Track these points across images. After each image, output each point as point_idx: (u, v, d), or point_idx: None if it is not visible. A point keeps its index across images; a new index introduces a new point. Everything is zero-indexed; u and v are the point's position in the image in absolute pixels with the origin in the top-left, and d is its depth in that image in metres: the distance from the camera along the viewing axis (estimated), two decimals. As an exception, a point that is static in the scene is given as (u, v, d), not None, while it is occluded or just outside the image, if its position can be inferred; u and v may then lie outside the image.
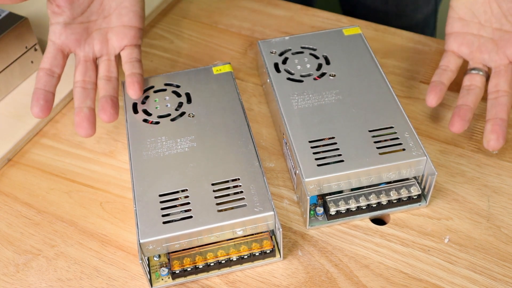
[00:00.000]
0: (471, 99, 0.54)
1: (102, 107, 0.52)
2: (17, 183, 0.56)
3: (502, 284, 0.47)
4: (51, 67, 0.53)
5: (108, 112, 0.52)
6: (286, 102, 0.54)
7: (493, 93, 0.54)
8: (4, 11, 0.62)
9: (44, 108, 0.51)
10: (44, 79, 0.52)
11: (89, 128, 0.51)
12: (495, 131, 0.51)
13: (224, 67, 0.58)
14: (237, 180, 0.48)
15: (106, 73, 0.54)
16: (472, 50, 0.56)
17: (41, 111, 0.51)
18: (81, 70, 0.54)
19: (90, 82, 0.54)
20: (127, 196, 0.54)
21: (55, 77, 0.53)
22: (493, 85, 0.54)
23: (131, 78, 0.54)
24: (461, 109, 0.53)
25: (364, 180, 0.49)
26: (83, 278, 0.49)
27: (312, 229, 0.51)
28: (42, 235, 0.52)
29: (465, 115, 0.53)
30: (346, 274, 0.48)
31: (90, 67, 0.54)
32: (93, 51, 0.55)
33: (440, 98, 0.54)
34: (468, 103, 0.54)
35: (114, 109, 0.52)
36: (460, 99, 0.54)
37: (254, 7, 0.74)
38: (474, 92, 0.54)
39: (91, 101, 0.53)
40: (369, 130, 0.51)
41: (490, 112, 0.53)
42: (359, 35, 0.61)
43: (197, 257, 0.47)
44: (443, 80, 0.55)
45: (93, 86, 0.54)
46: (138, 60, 0.55)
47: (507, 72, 0.54)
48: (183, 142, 0.52)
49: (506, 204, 0.52)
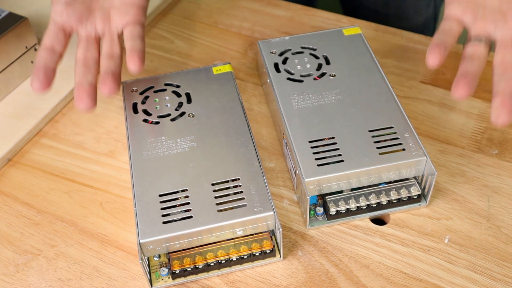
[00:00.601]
0: (475, 66, 0.50)
1: (103, 80, 0.50)
2: (17, 183, 0.56)
3: (502, 284, 0.47)
4: (53, 45, 0.52)
5: (109, 84, 0.50)
6: (286, 102, 0.54)
7: (500, 66, 0.49)
8: (4, 11, 0.62)
9: (44, 83, 0.50)
10: (45, 56, 0.51)
11: (89, 101, 0.49)
12: (505, 105, 0.47)
13: (224, 67, 0.58)
14: (237, 180, 0.48)
15: (109, 50, 0.53)
16: (477, 18, 0.52)
17: (41, 85, 0.49)
18: (83, 47, 0.53)
19: (92, 59, 0.52)
20: (127, 196, 0.54)
21: (56, 55, 0.51)
22: (499, 58, 0.50)
23: (131, 52, 0.51)
24: (466, 75, 0.49)
25: (364, 180, 0.49)
26: (83, 278, 0.49)
27: (312, 229, 0.51)
28: (42, 235, 0.52)
29: (471, 81, 0.48)
30: (346, 274, 0.48)
31: (92, 45, 0.53)
32: (95, 30, 0.54)
33: (442, 58, 0.50)
34: (473, 71, 0.49)
35: (115, 82, 0.50)
36: (464, 66, 0.50)
37: (254, 7, 0.74)
38: (479, 61, 0.50)
39: (92, 76, 0.51)
40: (369, 130, 0.51)
41: (497, 86, 0.48)
42: (359, 35, 0.61)
43: (197, 257, 0.47)
44: (446, 40, 0.51)
45: (95, 63, 0.52)
46: (140, 36, 0.53)
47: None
48: (183, 142, 0.52)
49: (506, 204, 0.52)
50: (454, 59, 0.61)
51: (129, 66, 0.51)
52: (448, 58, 0.51)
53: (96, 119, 0.61)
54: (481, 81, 0.62)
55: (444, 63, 0.50)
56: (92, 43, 0.53)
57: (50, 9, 0.71)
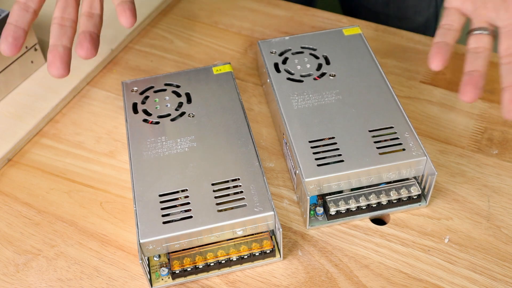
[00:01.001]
0: (481, 63, 0.49)
1: (79, 42, 0.48)
2: (17, 183, 0.56)
3: (502, 284, 0.47)
4: (26, 1, 0.49)
5: (85, 47, 0.48)
6: (286, 102, 0.54)
7: (507, 57, 0.48)
8: (4, 11, 0.62)
9: (12, 46, 0.48)
10: (17, 13, 0.49)
11: (61, 68, 0.48)
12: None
13: (224, 67, 0.58)
14: (237, 180, 0.48)
15: (88, 9, 0.51)
16: (478, 6, 0.51)
17: (9, 48, 0.48)
18: (61, 6, 0.50)
19: (69, 20, 0.50)
20: (127, 196, 0.54)
21: (29, 12, 0.49)
22: (504, 48, 0.49)
23: (122, 6, 0.49)
24: (473, 76, 0.48)
25: (364, 180, 0.49)
26: (83, 278, 0.49)
27: (312, 229, 0.51)
28: (42, 235, 0.52)
29: (478, 82, 0.47)
30: (346, 274, 0.48)
31: (70, 3, 0.50)
32: None
33: (445, 61, 0.49)
34: (478, 68, 0.48)
35: (92, 44, 0.48)
36: (469, 64, 0.49)
37: (254, 7, 0.74)
38: (483, 55, 0.49)
39: (67, 39, 0.49)
40: (369, 130, 0.51)
41: (506, 79, 0.47)
42: (359, 35, 0.61)
43: (197, 257, 0.47)
44: (448, 41, 0.50)
45: (72, 24, 0.50)
46: None
47: None
48: (183, 142, 0.52)
49: (506, 204, 0.52)
50: (454, 58, 0.61)
51: (122, 21, 0.49)
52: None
53: (96, 119, 0.61)
54: (481, 81, 0.62)
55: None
56: (71, 1, 0.51)
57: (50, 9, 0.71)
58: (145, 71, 0.66)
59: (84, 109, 0.62)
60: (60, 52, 0.48)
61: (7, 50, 0.48)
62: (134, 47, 0.69)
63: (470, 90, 0.47)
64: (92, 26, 0.50)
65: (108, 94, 0.64)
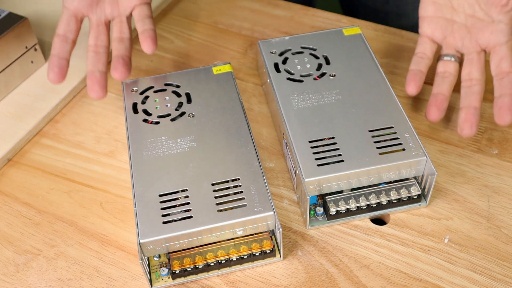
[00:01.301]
0: (446, 88, 0.55)
1: (114, 66, 0.54)
2: (17, 183, 0.56)
3: (502, 284, 0.47)
4: (65, 33, 0.55)
5: (120, 70, 0.54)
6: (286, 102, 0.54)
7: (467, 81, 0.55)
8: (4, 11, 0.62)
9: (58, 75, 0.54)
10: (59, 45, 0.55)
11: (100, 91, 0.54)
12: (468, 119, 0.53)
13: (224, 67, 0.58)
14: (237, 180, 0.48)
15: (119, 34, 0.56)
16: (446, 35, 0.57)
17: (55, 77, 0.54)
18: (94, 34, 0.56)
19: (102, 46, 0.56)
20: (127, 196, 0.54)
21: (69, 43, 0.55)
22: (466, 73, 0.55)
23: (144, 34, 0.55)
24: (437, 99, 0.55)
25: (364, 180, 0.49)
26: (83, 278, 0.49)
27: (312, 229, 0.51)
28: (42, 235, 0.52)
29: (441, 105, 0.54)
30: (346, 274, 0.48)
31: (102, 31, 0.57)
32: (105, 14, 0.57)
33: (419, 86, 0.56)
34: (443, 92, 0.55)
35: (125, 67, 0.54)
36: (436, 87, 0.56)
37: (254, 7, 0.74)
38: (449, 80, 0.56)
39: (102, 65, 0.55)
40: (369, 130, 0.51)
41: (464, 101, 0.54)
42: (359, 35, 0.61)
43: (197, 257, 0.47)
44: (421, 68, 0.56)
45: (105, 50, 0.56)
46: (148, 16, 0.57)
47: (479, 60, 0.55)
48: (183, 142, 0.52)
49: (506, 204, 0.52)
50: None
51: (144, 48, 0.55)
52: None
53: (96, 119, 0.61)
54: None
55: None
56: (103, 29, 0.57)
57: (50, 9, 0.71)
58: (145, 71, 0.66)
59: (84, 109, 0.62)
60: (97, 77, 0.54)
61: (54, 79, 0.54)
62: (134, 47, 0.69)
63: (434, 111, 0.54)
64: (124, 50, 0.56)
65: (108, 94, 0.64)
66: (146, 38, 0.55)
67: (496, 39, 0.54)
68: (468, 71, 0.55)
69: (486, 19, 0.55)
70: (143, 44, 0.55)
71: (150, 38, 0.55)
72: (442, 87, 0.55)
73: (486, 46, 0.55)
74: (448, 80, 0.56)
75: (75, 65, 0.65)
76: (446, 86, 0.55)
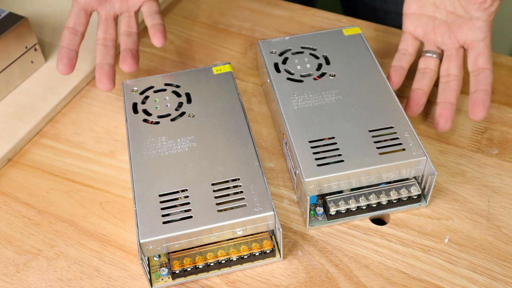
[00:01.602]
0: (425, 83, 0.57)
1: (123, 59, 0.56)
2: (17, 183, 0.56)
3: (502, 284, 0.47)
4: (75, 26, 0.57)
5: (128, 62, 0.56)
6: (286, 102, 0.54)
7: (445, 77, 0.56)
8: (4, 11, 0.62)
9: (67, 66, 0.56)
10: (68, 37, 0.56)
11: (108, 83, 0.56)
12: (443, 114, 0.54)
13: (224, 67, 0.58)
14: (237, 180, 0.48)
15: (127, 28, 0.58)
16: (427, 32, 0.58)
17: (65, 68, 0.56)
18: (102, 28, 0.58)
19: (111, 40, 0.58)
20: (127, 196, 0.54)
21: (78, 36, 0.57)
22: (444, 69, 0.56)
23: (153, 28, 0.57)
24: (416, 94, 0.56)
25: (364, 180, 0.49)
26: (83, 278, 0.49)
27: (312, 229, 0.51)
28: (42, 235, 0.52)
29: (420, 100, 0.56)
30: (346, 274, 0.48)
31: (110, 25, 0.58)
32: (114, 9, 0.58)
33: (400, 81, 0.57)
34: (422, 87, 0.56)
35: (134, 60, 0.56)
36: (416, 83, 0.57)
37: (254, 7, 0.74)
38: (429, 75, 0.57)
39: (111, 58, 0.57)
40: (369, 130, 0.51)
41: (441, 96, 0.55)
42: (359, 35, 0.61)
43: (197, 257, 0.47)
44: (403, 65, 0.58)
45: (113, 43, 0.58)
46: (157, 12, 0.59)
47: (458, 56, 0.56)
48: (183, 142, 0.52)
49: (506, 204, 0.52)
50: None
51: (154, 42, 0.57)
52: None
53: (96, 119, 0.61)
54: (481, 81, 0.62)
55: None
56: (111, 23, 0.58)
57: (50, 9, 0.71)
58: (145, 71, 0.66)
59: (84, 109, 0.62)
60: (106, 69, 0.56)
61: (64, 70, 0.56)
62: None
63: (412, 106, 0.56)
64: (132, 43, 0.57)
65: (108, 94, 0.64)
66: (156, 32, 0.57)
67: (474, 35, 0.55)
68: (446, 66, 0.56)
69: (465, 16, 0.56)
70: (153, 37, 0.57)
71: (160, 31, 0.57)
72: (422, 82, 0.57)
73: (464, 43, 0.56)
74: (428, 76, 0.57)
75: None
76: (426, 81, 0.57)
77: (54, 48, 0.67)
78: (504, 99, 0.61)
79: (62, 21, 0.70)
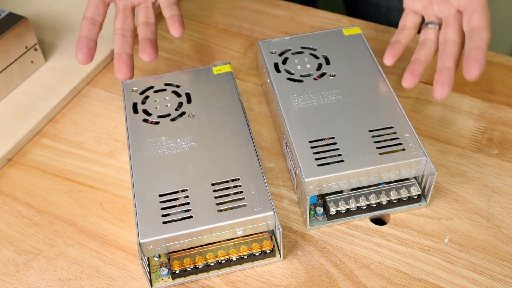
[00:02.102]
0: (423, 53, 0.55)
1: (142, 48, 0.57)
2: (17, 183, 0.56)
3: (502, 284, 0.47)
4: (93, 16, 0.58)
5: (148, 51, 0.56)
6: (286, 102, 0.54)
7: (442, 44, 0.54)
8: (4, 11, 0.62)
9: (87, 55, 0.56)
10: (87, 27, 0.57)
11: (127, 72, 0.57)
12: (440, 80, 0.51)
13: (224, 67, 0.58)
14: (237, 180, 0.48)
15: (145, 19, 0.59)
16: (425, 4, 0.57)
17: (84, 58, 0.56)
18: (120, 18, 0.59)
19: (129, 30, 0.59)
20: (127, 196, 0.54)
21: (97, 26, 0.58)
22: (442, 36, 0.55)
23: (172, 19, 0.58)
24: (412, 64, 0.54)
25: (364, 180, 0.49)
26: (83, 278, 0.49)
27: (312, 229, 0.51)
28: (42, 235, 0.52)
29: (416, 70, 0.54)
30: (346, 274, 0.48)
31: (128, 16, 0.59)
32: (131, 0, 0.59)
33: (396, 55, 0.56)
34: (420, 57, 0.55)
35: (153, 49, 0.57)
36: (414, 55, 0.55)
37: (254, 7, 0.74)
38: (427, 46, 0.56)
39: (129, 47, 0.58)
40: (369, 130, 0.51)
41: (439, 62, 0.53)
42: (359, 35, 0.61)
43: (197, 257, 0.47)
44: (400, 39, 0.57)
45: (131, 33, 0.58)
46: (175, 2, 0.60)
47: (455, 21, 0.55)
48: (183, 142, 0.52)
49: (506, 204, 0.52)
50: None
51: (172, 32, 0.57)
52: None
53: (96, 119, 0.61)
54: (480, 81, 0.63)
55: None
56: (129, 14, 0.59)
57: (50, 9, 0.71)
58: (145, 71, 0.66)
59: (84, 109, 0.62)
60: (125, 59, 0.57)
61: (83, 60, 0.56)
62: (134, 47, 0.69)
63: (408, 77, 0.53)
64: (150, 33, 0.58)
65: (108, 94, 0.64)
66: (174, 22, 0.57)
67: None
68: (444, 33, 0.55)
69: None
70: (172, 28, 0.57)
71: (178, 22, 0.57)
72: (420, 53, 0.55)
73: (459, 6, 0.54)
74: (427, 46, 0.56)
75: (75, 65, 0.65)
76: (424, 51, 0.55)
77: (54, 48, 0.67)
78: (504, 99, 0.61)
79: (62, 21, 0.70)
